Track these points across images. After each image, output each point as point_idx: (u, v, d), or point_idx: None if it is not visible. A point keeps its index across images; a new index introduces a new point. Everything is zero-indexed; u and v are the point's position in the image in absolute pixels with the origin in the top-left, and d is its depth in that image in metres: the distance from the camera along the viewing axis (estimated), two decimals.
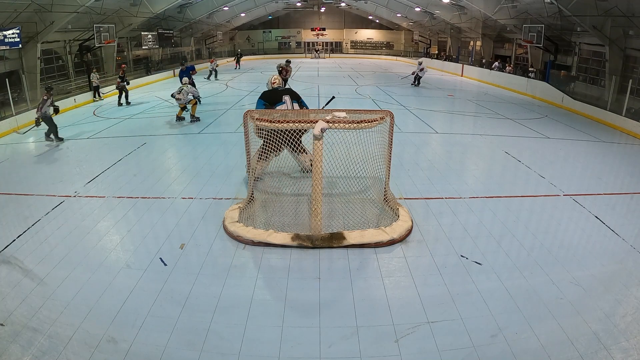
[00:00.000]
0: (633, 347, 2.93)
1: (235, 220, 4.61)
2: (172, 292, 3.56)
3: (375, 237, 4.28)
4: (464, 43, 25.94)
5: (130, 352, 2.91)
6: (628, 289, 3.61)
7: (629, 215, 5.12)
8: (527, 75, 16.85)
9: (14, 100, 10.65)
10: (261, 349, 2.96)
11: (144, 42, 20.19)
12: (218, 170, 6.61)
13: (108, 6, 15.49)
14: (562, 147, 8.28)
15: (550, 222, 4.89)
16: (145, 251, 4.23)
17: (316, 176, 4.18)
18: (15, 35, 11.60)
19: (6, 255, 4.18)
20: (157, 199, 5.51)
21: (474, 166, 7.08)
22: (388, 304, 3.42)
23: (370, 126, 4.44)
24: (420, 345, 2.98)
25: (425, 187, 5.90)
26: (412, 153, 7.59)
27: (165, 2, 18.85)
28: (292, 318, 3.28)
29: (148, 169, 6.77)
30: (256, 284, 3.71)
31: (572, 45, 15.29)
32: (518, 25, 16.89)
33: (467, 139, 8.95)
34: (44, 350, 2.90)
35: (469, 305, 3.40)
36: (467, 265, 3.97)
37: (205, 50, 30.97)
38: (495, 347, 2.96)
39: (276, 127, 4.45)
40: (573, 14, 12.92)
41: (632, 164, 7.27)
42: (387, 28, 37.46)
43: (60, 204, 5.42)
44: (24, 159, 8.14)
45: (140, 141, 8.44)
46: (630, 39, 12.20)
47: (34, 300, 3.43)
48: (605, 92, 12.22)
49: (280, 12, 36.95)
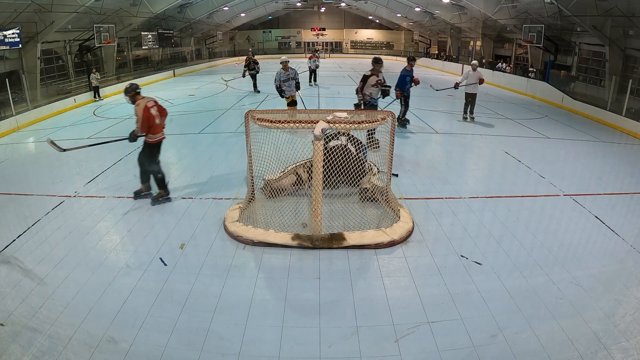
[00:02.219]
0: (633, 347, 2.93)
1: (236, 220, 4.61)
2: (172, 292, 3.56)
3: (375, 238, 4.28)
4: (464, 43, 25.94)
5: (130, 352, 2.91)
6: (628, 289, 3.61)
7: (629, 215, 5.12)
8: (527, 75, 16.85)
9: (14, 100, 10.65)
10: (261, 349, 2.96)
11: (144, 42, 20.20)
12: (218, 170, 6.61)
13: (108, 6, 15.49)
14: (562, 147, 8.28)
15: (550, 222, 4.89)
16: (145, 251, 4.24)
17: (316, 177, 4.18)
18: (15, 35, 11.61)
19: (6, 255, 4.18)
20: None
21: (474, 166, 7.08)
22: (388, 304, 3.42)
23: (371, 127, 4.44)
24: (420, 345, 2.98)
25: (425, 187, 5.90)
26: (412, 153, 7.59)
27: (165, 2, 18.86)
28: (292, 318, 3.28)
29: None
30: (256, 284, 3.71)
31: (572, 45, 15.30)
32: (518, 25, 16.90)
33: (467, 139, 8.95)
34: (44, 350, 2.90)
35: (469, 305, 3.40)
36: (467, 265, 3.97)
37: (205, 50, 30.96)
38: (495, 347, 2.96)
39: (276, 127, 4.44)
40: (573, 14, 12.92)
41: (632, 164, 7.27)
42: (387, 28, 37.48)
43: (60, 204, 5.42)
44: (24, 159, 8.15)
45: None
46: (630, 39, 12.21)
47: (34, 300, 3.43)
48: (605, 92, 12.21)
49: (280, 12, 36.97)
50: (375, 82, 7.62)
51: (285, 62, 8.67)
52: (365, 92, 7.70)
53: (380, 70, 7.67)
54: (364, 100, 7.79)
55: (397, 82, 8.93)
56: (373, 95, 7.75)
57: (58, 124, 10.71)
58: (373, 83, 7.64)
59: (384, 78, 7.82)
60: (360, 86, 7.74)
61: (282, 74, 8.51)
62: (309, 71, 16.61)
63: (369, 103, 7.77)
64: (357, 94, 7.85)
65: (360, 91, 7.74)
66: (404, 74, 8.89)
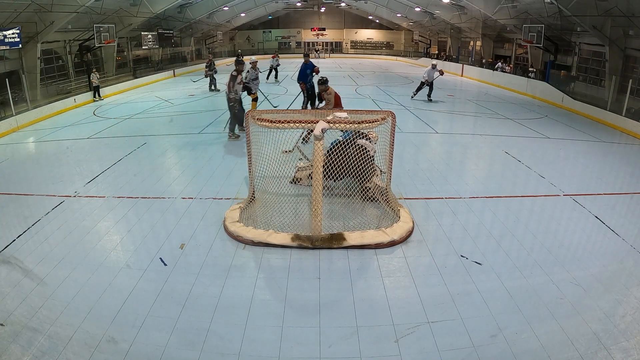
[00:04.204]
0: (633, 347, 2.93)
1: (236, 220, 4.61)
2: (172, 292, 3.56)
3: (375, 238, 4.28)
4: (464, 43, 25.95)
5: (130, 352, 2.91)
6: (628, 289, 3.61)
7: (629, 215, 5.12)
8: (527, 75, 16.85)
9: (14, 100, 10.64)
10: (261, 349, 2.96)
11: (144, 42, 20.20)
12: (218, 170, 6.61)
13: (108, 6, 15.49)
14: (562, 147, 8.28)
15: (550, 222, 4.89)
16: (145, 251, 4.23)
17: (316, 177, 4.18)
18: (15, 35, 11.61)
19: (6, 255, 4.18)
20: (157, 199, 5.51)
21: (474, 166, 7.08)
22: (388, 304, 3.42)
23: (371, 127, 4.44)
24: (420, 345, 2.98)
25: (425, 187, 5.91)
26: (412, 153, 7.59)
27: (165, 2, 18.86)
28: (292, 318, 3.28)
29: (148, 169, 6.77)
30: (256, 284, 3.71)
31: (572, 45, 15.30)
32: (518, 25, 16.90)
33: (467, 139, 8.95)
34: (44, 350, 2.90)
35: (469, 305, 3.40)
36: (467, 265, 3.96)
37: (205, 50, 30.95)
38: (495, 347, 2.96)
39: (276, 127, 4.45)
40: (573, 14, 12.92)
41: (632, 164, 7.27)
42: (387, 28, 37.49)
43: (60, 204, 5.42)
44: (24, 159, 8.15)
45: (140, 141, 8.45)
46: (630, 39, 12.21)
47: (34, 300, 3.43)
48: (605, 92, 12.22)
49: (280, 12, 36.97)
50: (240, 80, 8.29)
51: (255, 62, 9.87)
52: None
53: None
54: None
55: (299, 75, 9.73)
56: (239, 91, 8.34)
57: (58, 124, 10.70)
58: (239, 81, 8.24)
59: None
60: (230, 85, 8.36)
61: (251, 73, 9.49)
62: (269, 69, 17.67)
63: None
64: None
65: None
66: (303, 67, 9.71)
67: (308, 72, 9.62)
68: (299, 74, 9.73)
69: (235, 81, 8.12)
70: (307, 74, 9.62)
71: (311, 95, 9.66)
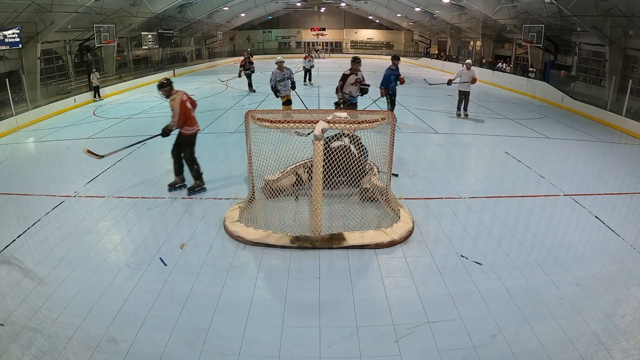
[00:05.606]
0: (633, 347, 2.93)
1: (236, 221, 4.61)
2: (172, 292, 3.56)
3: (375, 239, 4.28)
4: (464, 43, 25.95)
5: (130, 352, 2.91)
6: (628, 289, 3.61)
7: (629, 215, 5.12)
8: (527, 75, 16.85)
9: (14, 100, 10.65)
10: (261, 349, 2.96)
11: (144, 42, 20.21)
12: (218, 170, 6.61)
13: (108, 6, 15.50)
14: (562, 147, 8.28)
15: (550, 222, 4.89)
16: (145, 251, 4.23)
17: (316, 177, 4.18)
18: (15, 35, 11.62)
19: (6, 255, 4.18)
20: (157, 199, 5.51)
21: (474, 166, 7.08)
22: (388, 304, 3.42)
23: (371, 127, 4.44)
24: (420, 345, 2.98)
25: (425, 187, 5.90)
26: (412, 153, 7.59)
27: (165, 2, 18.87)
28: (292, 318, 3.28)
29: (148, 169, 6.77)
30: (256, 284, 3.71)
31: (572, 45, 15.31)
32: (518, 25, 16.90)
33: (467, 139, 8.95)
34: (44, 350, 2.90)
35: (469, 305, 3.40)
36: (467, 265, 3.97)
37: (205, 50, 30.96)
38: (495, 347, 2.96)
39: (276, 127, 4.44)
40: (573, 14, 12.93)
41: (632, 164, 7.27)
42: (387, 28, 37.49)
43: (60, 204, 5.42)
44: (24, 159, 8.15)
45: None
46: (630, 39, 12.21)
47: (34, 300, 3.43)
48: (605, 92, 12.21)
49: (280, 12, 36.98)
50: (354, 80, 7.82)
51: (281, 62, 8.89)
52: (345, 91, 7.90)
53: (359, 69, 7.85)
54: (343, 99, 7.95)
55: (382, 81, 9.10)
56: (352, 93, 7.93)
57: (58, 124, 10.71)
58: (352, 82, 7.84)
59: (363, 77, 7.97)
60: (340, 85, 7.95)
61: (277, 74, 8.77)
62: (303, 71, 16.85)
63: (349, 102, 7.94)
64: (337, 93, 8.01)
65: (340, 90, 7.92)
66: (388, 73, 9.06)
67: (392, 79, 8.91)
68: (383, 79, 8.97)
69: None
70: (391, 80, 8.91)
71: (392, 103, 9.23)
